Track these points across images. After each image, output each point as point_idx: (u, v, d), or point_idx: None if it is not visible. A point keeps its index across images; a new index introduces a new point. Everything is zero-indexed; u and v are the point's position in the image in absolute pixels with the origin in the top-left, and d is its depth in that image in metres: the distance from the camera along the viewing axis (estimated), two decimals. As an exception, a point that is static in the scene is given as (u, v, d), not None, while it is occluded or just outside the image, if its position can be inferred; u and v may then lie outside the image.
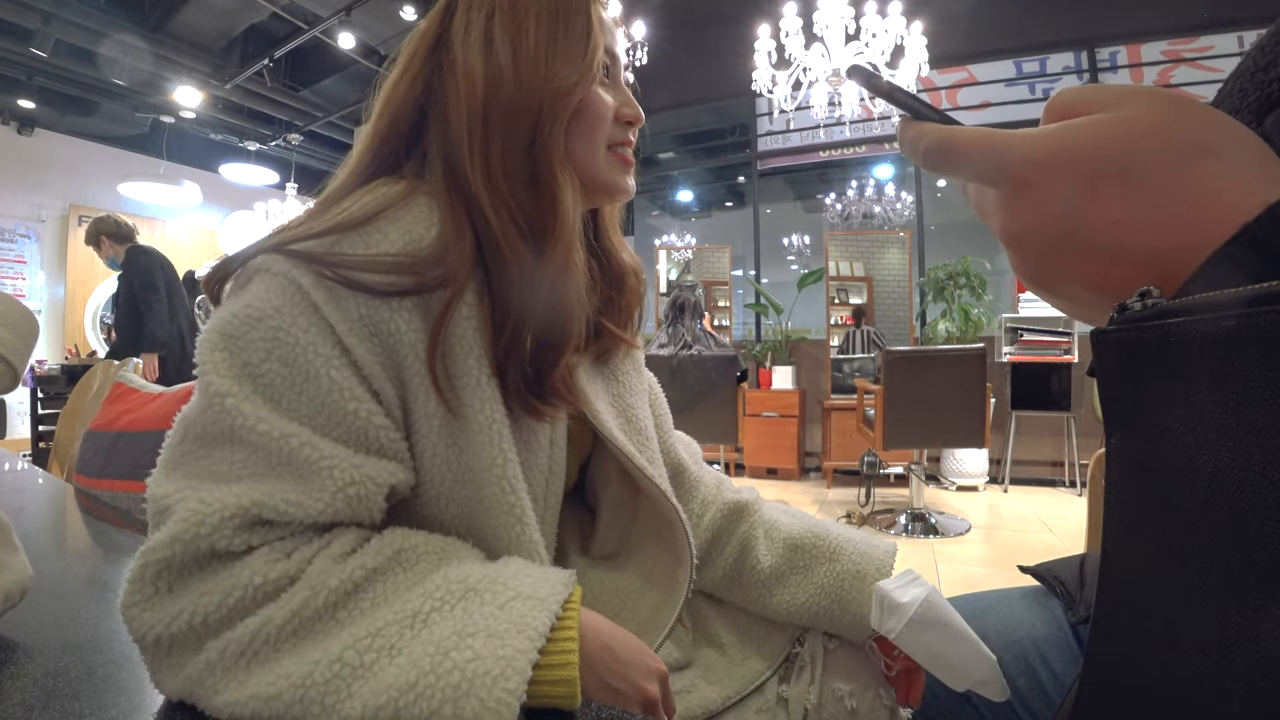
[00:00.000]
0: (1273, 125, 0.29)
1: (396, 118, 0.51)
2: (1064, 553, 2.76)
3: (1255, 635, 0.21)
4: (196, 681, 0.35)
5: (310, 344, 0.40)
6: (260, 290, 0.42)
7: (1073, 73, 4.70)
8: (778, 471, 4.65)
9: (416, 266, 0.43)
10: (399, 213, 0.45)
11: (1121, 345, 0.25)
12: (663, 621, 0.55)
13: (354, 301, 0.42)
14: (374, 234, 0.44)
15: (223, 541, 0.37)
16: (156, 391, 1.16)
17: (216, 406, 0.39)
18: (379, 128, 0.52)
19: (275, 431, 0.39)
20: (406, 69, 0.52)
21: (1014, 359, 4.03)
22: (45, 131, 6.00)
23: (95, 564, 0.72)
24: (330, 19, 4.73)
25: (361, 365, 0.42)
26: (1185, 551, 0.24)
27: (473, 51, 0.49)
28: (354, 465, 0.40)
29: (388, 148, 0.51)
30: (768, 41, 3.67)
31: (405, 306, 0.43)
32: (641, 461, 0.56)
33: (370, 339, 0.42)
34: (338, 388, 0.41)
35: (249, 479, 0.38)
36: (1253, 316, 0.21)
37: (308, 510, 0.39)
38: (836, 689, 0.60)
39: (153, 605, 0.36)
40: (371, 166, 0.51)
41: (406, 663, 0.35)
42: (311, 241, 0.43)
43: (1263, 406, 0.21)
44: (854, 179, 6.35)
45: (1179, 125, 0.23)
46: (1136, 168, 0.23)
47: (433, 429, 0.44)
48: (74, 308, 6.22)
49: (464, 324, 0.45)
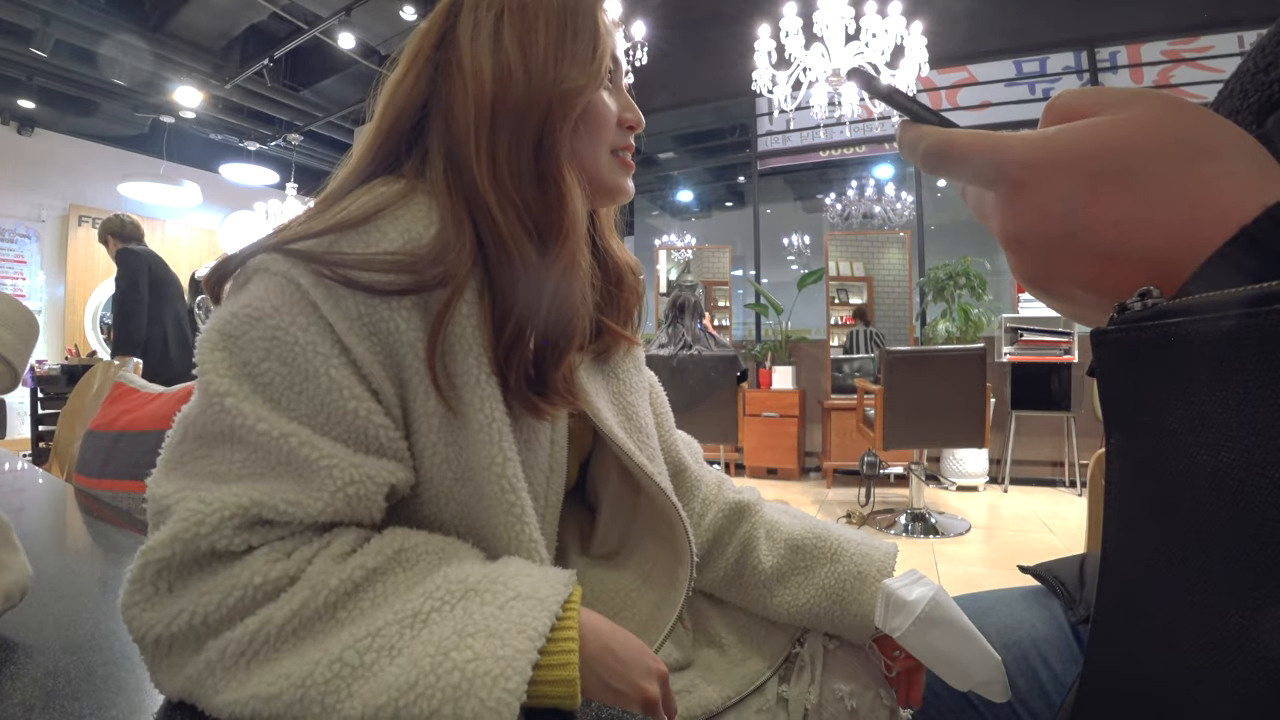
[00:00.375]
0: (1274, 126, 0.29)
1: (399, 116, 0.51)
2: (1064, 553, 2.76)
3: (1255, 635, 0.21)
4: (196, 681, 0.35)
5: (309, 343, 0.41)
6: (259, 290, 0.42)
7: (1073, 73, 4.70)
8: (778, 471, 4.65)
9: (415, 265, 0.43)
10: (398, 211, 0.45)
11: (1121, 345, 0.25)
12: (663, 620, 0.55)
13: (353, 300, 0.42)
14: (373, 233, 0.44)
15: (222, 541, 0.37)
16: (156, 391, 1.16)
17: (216, 406, 0.39)
18: (380, 126, 0.52)
19: (275, 431, 0.39)
20: (410, 68, 0.52)
21: (1014, 359, 4.03)
22: (45, 131, 6.00)
23: (95, 564, 0.72)
24: (330, 19, 4.73)
25: (360, 364, 0.42)
26: (1185, 551, 0.24)
27: (481, 51, 0.49)
28: (353, 465, 0.40)
29: (389, 146, 0.51)
30: (768, 41, 3.67)
31: (404, 305, 0.43)
32: (641, 459, 0.56)
33: (369, 338, 0.42)
34: (337, 386, 0.41)
35: (249, 478, 0.39)
36: (1252, 316, 0.21)
37: (307, 510, 0.39)
38: (837, 689, 0.60)
39: (152, 605, 0.36)
40: (371, 166, 0.51)
41: (407, 663, 0.35)
42: (310, 241, 0.43)
43: (1263, 406, 0.21)
44: (854, 179, 6.35)
45: (1178, 127, 0.23)
46: (1137, 169, 0.23)
47: (432, 428, 0.44)
48: (74, 308, 6.22)
49: (463, 322, 0.45)
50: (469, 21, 0.51)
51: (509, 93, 0.48)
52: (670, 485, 0.58)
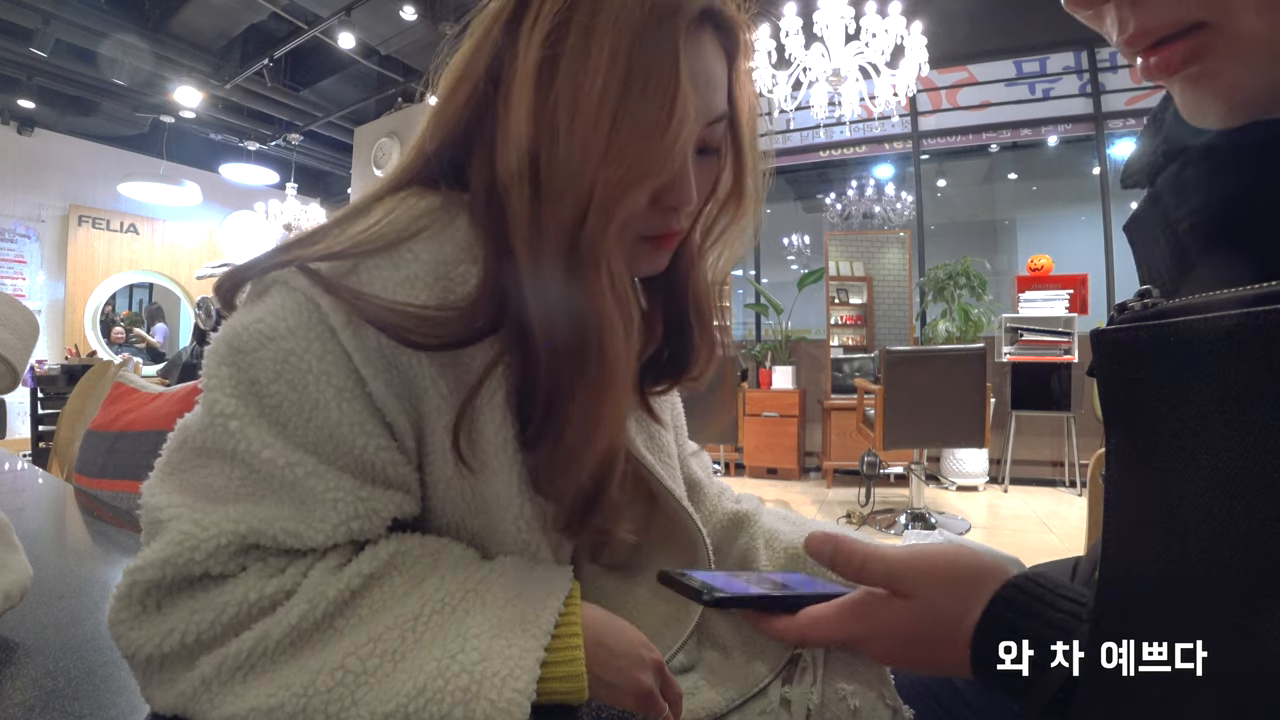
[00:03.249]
0: (1162, 184, 0.32)
1: (443, 140, 0.44)
2: (1064, 553, 2.75)
3: (1255, 635, 0.21)
4: (191, 698, 0.35)
5: (323, 373, 0.38)
6: (276, 305, 0.39)
7: (1073, 72, 4.70)
8: (778, 471, 4.65)
9: (447, 325, 0.38)
10: (437, 235, 0.40)
11: (1121, 345, 0.25)
12: (672, 637, 0.55)
13: (373, 331, 0.38)
14: (404, 254, 0.39)
15: (216, 567, 0.36)
16: (156, 391, 1.16)
17: (220, 427, 0.37)
18: (434, 127, 0.45)
19: (280, 460, 0.37)
20: (463, 77, 0.44)
21: (1014, 359, 4.02)
22: (45, 131, 6.00)
23: (95, 564, 0.72)
24: (330, 19, 4.73)
25: (376, 397, 0.39)
26: (1185, 551, 0.24)
27: (525, 83, 0.40)
28: (359, 499, 0.39)
29: (437, 157, 0.45)
30: (768, 41, 3.67)
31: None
32: (670, 484, 0.54)
33: (388, 369, 0.39)
34: (347, 420, 0.38)
35: (247, 500, 0.37)
36: (1252, 316, 0.21)
37: (305, 541, 0.37)
38: (840, 689, 0.60)
39: (140, 624, 0.35)
40: (406, 176, 0.46)
41: (412, 667, 0.34)
42: (335, 263, 0.39)
43: (1263, 406, 0.21)
44: (854, 179, 6.35)
45: (932, 621, 0.39)
46: (918, 639, 0.40)
47: (448, 463, 0.42)
48: (74, 308, 6.22)
49: (495, 392, 0.41)
50: (529, 25, 0.41)
51: (553, 156, 0.39)
52: (685, 494, 0.58)
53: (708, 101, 0.43)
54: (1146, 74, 0.28)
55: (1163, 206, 0.31)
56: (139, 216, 6.62)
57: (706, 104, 0.43)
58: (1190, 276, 0.28)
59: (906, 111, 4.78)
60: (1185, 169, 0.30)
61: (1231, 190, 0.28)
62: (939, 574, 0.39)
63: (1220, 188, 0.28)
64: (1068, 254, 4.91)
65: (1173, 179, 0.31)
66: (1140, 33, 0.27)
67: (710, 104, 0.44)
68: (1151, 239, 0.31)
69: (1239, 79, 0.26)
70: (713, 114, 0.44)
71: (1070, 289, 4.27)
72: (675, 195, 0.43)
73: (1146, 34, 0.27)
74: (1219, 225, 0.28)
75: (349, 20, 4.72)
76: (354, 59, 5.26)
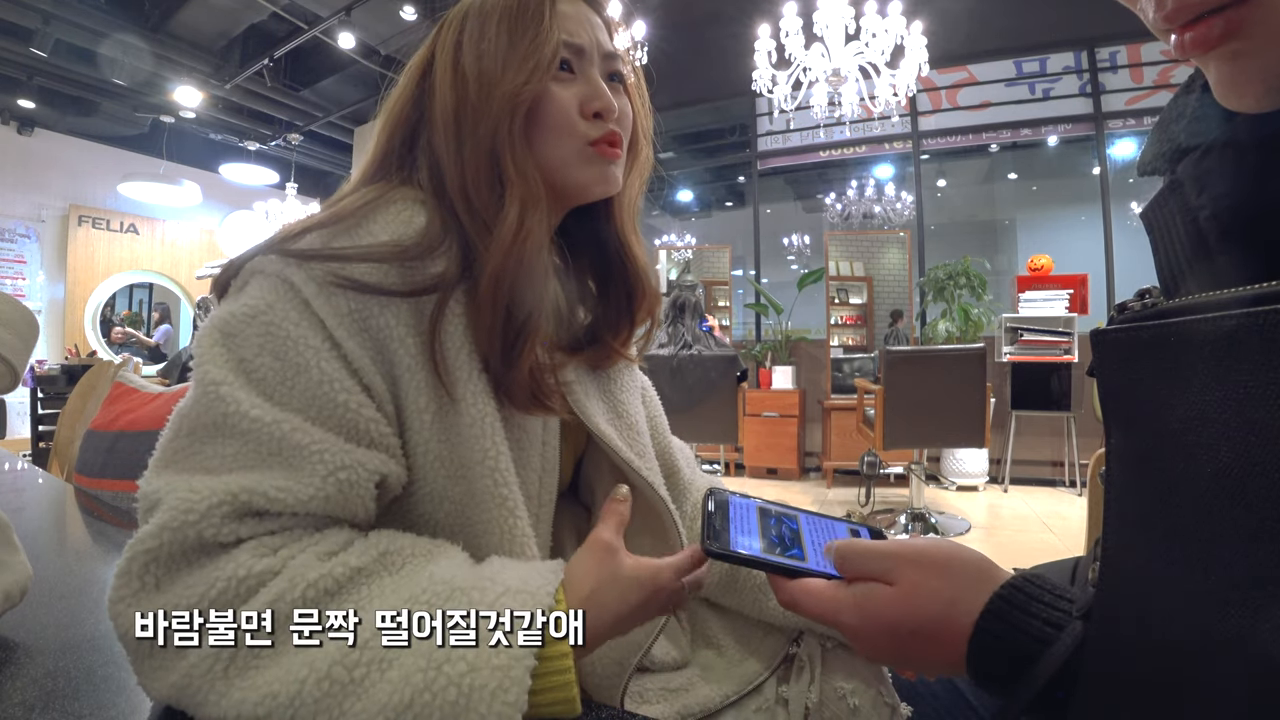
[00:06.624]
0: (1183, 171, 0.31)
1: (392, 134, 0.54)
2: (1064, 553, 2.76)
3: (1255, 635, 0.21)
4: (183, 689, 0.35)
5: (300, 337, 0.42)
6: (255, 290, 0.43)
7: (1073, 72, 4.70)
8: (778, 471, 4.65)
9: (404, 254, 0.45)
10: (385, 207, 0.48)
11: (1121, 345, 0.25)
12: (650, 624, 0.55)
13: (343, 297, 0.43)
14: (363, 225, 0.46)
15: (210, 530, 0.37)
16: (156, 391, 1.16)
17: (211, 394, 0.40)
18: (379, 142, 0.55)
19: (267, 417, 0.39)
20: (404, 87, 0.55)
21: (1014, 359, 4.02)
22: (45, 131, 6.00)
23: (95, 564, 0.72)
24: (330, 19, 4.73)
25: (351, 359, 0.43)
26: (1185, 551, 0.24)
27: (447, 64, 0.52)
28: (344, 451, 0.41)
29: (388, 160, 0.54)
30: (768, 41, 3.67)
31: (395, 302, 0.44)
32: (629, 455, 0.56)
33: (360, 333, 0.43)
34: (328, 379, 0.41)
35: (240, 470, 0.39)
36: (1252, 316, 0.21)
37: (297, 496, 0.39)
38: (839, 687, 0.60)
39: (139, 600, 0.36)
40: (369, 178, 0.54)
41: (398, 678, 0.34)
42: (306, 238, 0.45)
43: (1262, 406, 0.21)
44: (854, 179, 6.35)
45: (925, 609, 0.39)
46: (910, 632, 0.39)
47: (425, 424, 0.45)
48: (74, 308, 6.22)
49: (455, 321, 0.46)
50: (444, 38, 0.53)
51: (466, 100, 0.50)
52: (660, 480, 0.59)
53: (584, 28, 0.54)
54: (1180, 51, 0.27)
55: (1182, 194, 0.30)
56: (139, 216, 6.62)
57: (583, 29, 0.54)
58: (1209, 265, 0.28)
59: (906, 111, 4.77)
60: (1206, 157, 0.30)
61: (1253, 180, 0.28)
62: (924, 561, 0.40)
63: (1242, 177, 0.28)
64: (1068, 254, 4.91)
65: (1194, 167, 0.30)
66: (1180, 7, 0.26)
67: (589, 30, 0.54)
68: (1170, 227, 0.31)
69: (1277, 58, 0.25)
70: (593, 38, 0.54)
71: (1070, 289, 4.27)
72: (598, 101, 0.53)
73: (1187, 9, 0.26)
74: (1239, 214, 0.28)
75: (349, 20, 4.73)
76: (354, 59, 5.26)
